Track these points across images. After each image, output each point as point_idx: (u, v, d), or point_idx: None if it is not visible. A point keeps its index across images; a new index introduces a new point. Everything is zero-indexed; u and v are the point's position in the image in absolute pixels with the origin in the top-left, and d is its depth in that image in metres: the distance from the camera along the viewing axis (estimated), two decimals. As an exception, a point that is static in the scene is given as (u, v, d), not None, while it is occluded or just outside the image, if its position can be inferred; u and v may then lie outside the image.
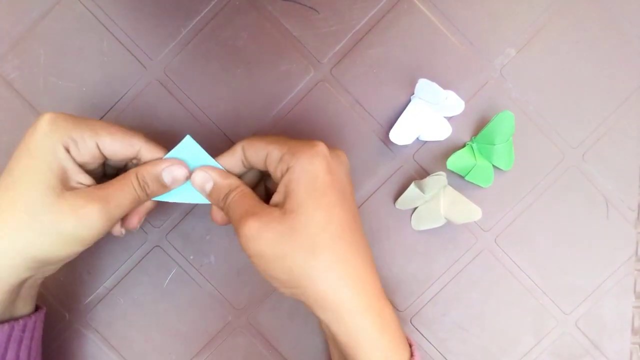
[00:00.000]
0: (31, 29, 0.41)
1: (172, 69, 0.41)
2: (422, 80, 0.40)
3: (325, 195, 0.32)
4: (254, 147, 0.35)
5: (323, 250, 0.31)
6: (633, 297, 0.43)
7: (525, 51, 0.42)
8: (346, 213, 0.32)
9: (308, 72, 0.42)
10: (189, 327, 0.42)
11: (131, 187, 0.34)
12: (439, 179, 0.40)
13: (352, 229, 0.33)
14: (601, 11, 0.42)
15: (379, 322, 0.32)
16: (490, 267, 0.43)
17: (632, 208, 0.43)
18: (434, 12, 0.42)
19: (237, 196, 0.34)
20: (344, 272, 0.31)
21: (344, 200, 0.33)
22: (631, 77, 0.43)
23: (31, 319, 0.35)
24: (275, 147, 0.33)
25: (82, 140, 0.33)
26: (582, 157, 0.43)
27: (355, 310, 0.32)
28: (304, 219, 0.31)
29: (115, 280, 0.42)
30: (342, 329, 0.32)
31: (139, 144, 0.34)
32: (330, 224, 0.31)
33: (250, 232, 0.31)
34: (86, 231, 0.32)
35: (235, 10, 0.41)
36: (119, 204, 0.33)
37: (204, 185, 0.35)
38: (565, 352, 0.43)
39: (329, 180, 0.32)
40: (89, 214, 0.32)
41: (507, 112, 0.40)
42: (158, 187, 0.35)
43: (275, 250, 0.31)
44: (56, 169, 0.32)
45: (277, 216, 0.31)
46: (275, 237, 0.31)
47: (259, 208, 0.33)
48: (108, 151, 0.34)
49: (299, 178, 0.32)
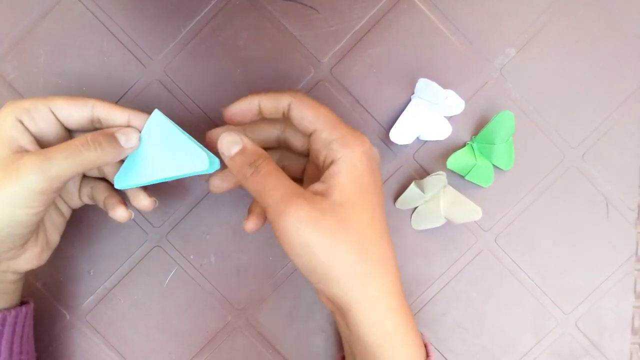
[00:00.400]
0: (31, 29, 0.41)
1: (172, 68, 0.41)
2: (422, 80, 0.40)
3: (369, 193, 0.32)
4: (303, 112, 0.33)
5: (371, 247, 0.31)
6: (633, 297, 0.43)
7: (525, 51, 0.42)
8: (383, 213, 0.33)
9: (308, 72, 0.42)
10: (189, 327, 0.42)
11: (77, 145, 0.32)
12: (439, 179, 0.40)
13: (386, 228, 0.33)
14: (601, 11, 0.42)
15: (407, 322, 0.32)
16: (490, 267, 0.43)
17: (632, 208, 0.43)
18: (434, 12, 0.42)
19: (270, 169, 0.32)
20: (384, 271, 0.32)
21: (381, 200, 0.33)
22: (631, 77, 0.43)
23: (11, 312, 0.34)
24: (326, 128, 0.32)
25: (35, 108, 0.32)
26: (582, 157, 0.43)
27: (388, 308, 0.32)
28: (353, 214, 0.31)
29: (115, 280, 0.42)
30: (372, 329, 0.31)
31: (92, 101, 0.33)
32: (374, 221, 0.32)
33: (303, 217, 0.29)
34: (19, 187, 0.30)
35: (235, 10, 0.41)
36: (60, 160, 0.31)
37: (231, 147, 0.32)
38: (565, 352, 0.43)
39: (372, 180, 0.32)
40: (22, 166, 0.30)
41: (507, 112, 0.40)
42: (113, 146, 0.32)
43: (327, 242, 0.30)
44: (6, 139, 0.31)
45: (329, 207, 0.30)
46: (328, 229, 0.30)
47: (306, 192, 0.31)
48: (63, 114, 0.33)
49: (348, 173, 0.31)
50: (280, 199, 0.30)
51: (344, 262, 0.30)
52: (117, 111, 0.34)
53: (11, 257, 0.34)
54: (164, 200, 0.42)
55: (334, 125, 0.32)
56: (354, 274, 0.31)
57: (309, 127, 0.33)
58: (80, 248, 0.40)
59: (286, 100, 0.33)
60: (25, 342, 0.36)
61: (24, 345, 0.36)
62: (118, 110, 0.34)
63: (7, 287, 0.35)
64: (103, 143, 0.32)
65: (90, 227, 0.41)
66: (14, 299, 0.36)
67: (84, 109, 0.33)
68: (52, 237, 0.36)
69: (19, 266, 0.34)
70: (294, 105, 0.33)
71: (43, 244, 0.35)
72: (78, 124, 0.34)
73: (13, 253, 0.33)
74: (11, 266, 0.34)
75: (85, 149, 0.32)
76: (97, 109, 0.33)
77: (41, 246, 0.35)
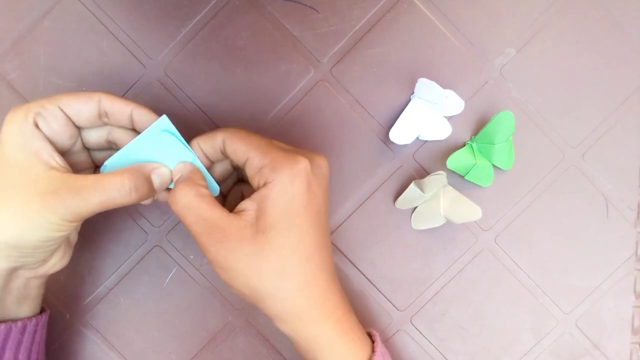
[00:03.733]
0: (31, 29, 0.41)
1: (172, 68, 0.41)
2: (422, 80, 0.40)
3: (299, 217, 0.32)
4: (235, 145, 0.34)
5: (291, 274, 0.32)
6: (633, 297, 0.43)
7: (525, 51, 0.42)
8: (317, 234, 0.33)
9: (308, 72, 0.42)
10: (189, 327, 0.42)
11: (114, 190, 0.32)
12: (439, 179, 0.40)
13: (321, 248, 0.33)
14: (601, 11, 0.42)
15: (338, 328, 0.34)
16: (490, 267, 0.43)
17: (632, 208, 0.43)
18: (434, 12, 0.42)
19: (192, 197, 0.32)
20: (308, 291, 0.33)
21: (318, 220, 0.33)
22: (631, 77, 0.43)
23: (31, 321, 0.35)
24: (257, 155, 0.33)
25: (45, 109, 0.32)
26: (582, 157, 0.43)
27: (314, 321, 0.33)
28: (275, 242, 0.31)
29: (115, 280, 0.42)
30: (302, 337, 0.33)
31: (98, 95, 0.33)
32: (300, 245, 0.32)
33: (221, 251, 0.31)
34: (54, 216, 0.31)
35: (235, 10, 0.41)
36: (97, 204, 0.31)
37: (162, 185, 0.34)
38: (565, 352, 0.43)
39: (306, 201, 0.32)
40: (60, 199, 0.30)
41: (507, 112, 0.40)
42: (148, 190, 0.33)
43: (243, 269, 0.32)
44: (34, 152, 0.31)
45: (248, 235, 0.31)
46: (245, 257, 0.31)
47: (226, 221, 0.32)
48: (72, 111, 0.33)
49: (276, 198, 0.32)
50: (200, 233, 0.32)
51: (260, 286, 0.32)
52: (121, 104, 0.34)
53: (37, 266, 0.34)
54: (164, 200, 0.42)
55: (265, 152, 0.33)
56: (271, 296, 0.32)
57: (242, 158, 0.33)
58: (80, 248, 0.40)
59: (220, 138, 0.34)
60: (41, 350, 0.37)
61: (40, 353, 0.37)
62: (122, 103, 0.34)
63: (32, 292, 0.35)
64: (140, 189, 0.32)
65: (91, 227, 0.41)
66: (35, 305, 0.36)
67: (91, 103, 0.33)
68: (72, 237, 0.37)
69: (44, 271, 0.35)
70: (227, 140, 0.34)
71: (65, 246, 0.36)
72: (87, 120, 0.34)
73: (39, 264, 0.34)
74: (37, 272, 0.34)
75: (121, 195, 0.32)
76: (103, 103, 0.33)
77: (64, 249, 0.35)
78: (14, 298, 0.34)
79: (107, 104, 0.33)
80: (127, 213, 0.42)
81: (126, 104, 0.34)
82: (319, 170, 0.34)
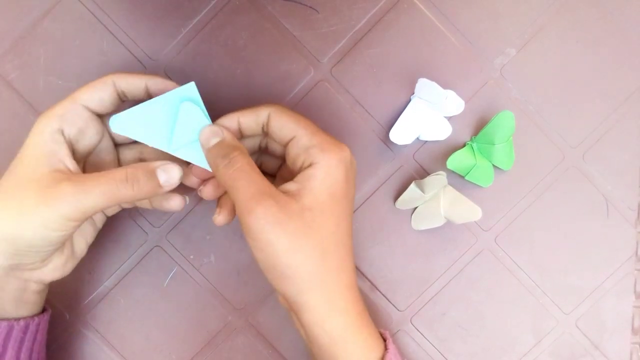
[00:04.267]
0: (31, 29, 0.41)
1: (172, 69, 0.41)
2: (422, 80, 0.40)
3: (339, 203, 0.32)
4: (282, 120, 0.33)
5: (331, 254, 0.32)
6: (633, 297, 0.43)
7: (525, 51, 0.42)
8: (348, 222, 0.34)
9: (308, 72, 0.42)
10: (189, 327, 0.42)
11: (115, 180, 0.31)
12: (439, 179, 0.40)
13: (350, 237, 0.34)
14: (601, 11, 0.42)
15: (358, 321, 0.33)
16: (490, 267, 0.43)
17: (632, 208, 0.43)
18: (434, 12, 0.42)
19: (244, 164, 0.32)
20: (339, 276, 0.33)
21: (350, 210, 0.34)
22: (631, 77, 0.43)
23: (34, 320, 0.35)
24: (306, 134, 0.33)
25: (68, 111, 0.33)
26: (582, 157, 0.43)
27: (340, 310, 0.33)
28: (320, 221, 0.31)
29: (115, 280, 0.42)
30: (325, 328, 0.33)
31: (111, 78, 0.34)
32: (338, 230, 0.32)
33: (270, 217, 0.30)
34: (52, 213, 0.30)
35: (235, 10, 0.41)
36: (97, 195, 0.31)
37: (210, 138, 0.33)
38: (565, 352, 0.43)
39: (346, 189, 0.33)
40: (58, 194, 0.30)
41: (507, 112, 0.40)
42: (151, 185, 0.32)
43: (290, 243, 0.31)
44: (46, 153, 0.32)
45: (297, 210, 0.31)
46: (293, 232, 0.31)
47: (276, 192, 0.31)
48: (94, 104, 0.33)
49: (324, 179, 0.32)
50: (251, 196, 0.31)
51: (302, 264, 0.31)
52: (135, 79, 0.34)
53: (34, 268, 0.33)
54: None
55: (314, 132, 0.33)
56: (310, 277, 0.32)
57: (288, 135, 0.33)
58: (80, 248, 0.40)
59: (265, 113, 0.34)
60: (42, 349, 0.37)
61: (41, 352, 0.36)
62: (136, 78, 0.34)
63: (30, 297, 0.35)
64: (141, 181, 0.32)
65: (90, 227, 0.41)
66: (36, 308, 0.36)
67: (106, 87, 0.33)
68: (78, 248, 0.36)
69: (43, 276, 0.34)
70: (274, 114, 0.34)
71: (68, 254, 0.35)
72: (111, 105, 0.34)
73: (37, 265, 0.33)
74: (34, 276, 0.34)
75: (123, 187, 0.31)
76: (118, 83, 0.34)
77: (66, 257, 0.35)
78: (10, 298, 0.34)
79: (121, 83, 0.34)
80: (127, 213, 0.42)
81: (139, 77, 0.34)
82: (353, 164, 0.34)
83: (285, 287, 0.32)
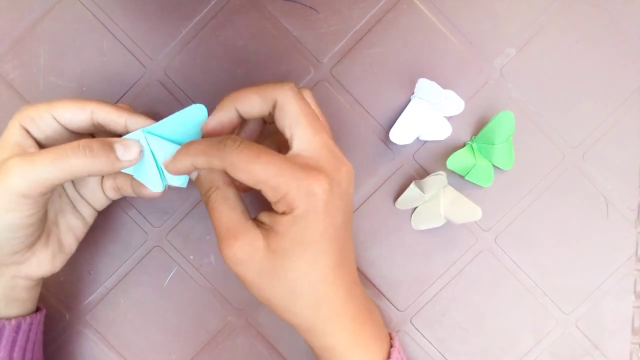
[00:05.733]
0: (31, 29, 0.41)
1: (172, 69, 0.41)
2: (422, 80, 0.40)
3: (313, 244, 0.30)
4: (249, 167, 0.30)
5: (302, 294, 0.31)
6: (633, 297, 0.43)
7: (525, 51, 0.42)
8: (333, 255, 0.31)
9: (308, 72, 0.42)
10: (189, 327, 0.42)
11: (66, 150, 0.30)
12: (439, 179, 0.40)
13: (336, 266, 0.32)
14: (601, 11, 0.42)
15: (351, 339, 0.33)
16: (490, 267, 0.43)
17: (632, 208, 0.43)
18: (434, 12, 0.42)
19: (218, 200, 0.32)
20: (319, 309, 0.32)
21: (335, 241, 0.31)
22: (631, 77, 0.43)
23: (26, 319, 0.34)
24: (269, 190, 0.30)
25: (39, 116, 0.32)
26: (582, 157, 0.43)
27: (328, 334, 0.33)
28: (285, 265, 0.31)
29: (115, 280, 0.42)
30: (317, 346, 0.33)
31: (91, 106, 0.32)
32: (313, 270, 0.31)
33: (231, 256, 0.31)
34: (2, 190, 0.29)
35: (235, 10, 0.41)
36: (46, 165, 0.30)
37: (192, 174, 0.34)
38: (565, 352, 0.43)
39: (322, 228, 0.30)
40: (5, 169, 0.29)
41: (507, 112, 0.40)
42: (107, 156, 0.31)
43: (255, 282, 0.31)
44: (11, 143, 0.32)
45: (260, 250, 0.31)
46: (256, 272, 0.31)
47: (242, 228, 0.31)
48: (64, 120, 0.32)
49: (288, 228, 0.30)
50: (218, 234, 0.31)
51: (273, 299, 0.32)
52: (114, 116, 0.33)
53: (18, 261, 0.33)
54: (164, 200, 0.42)
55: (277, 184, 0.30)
56: (283, 309, 0.32)
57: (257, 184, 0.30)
58: (80, 248, 0.40)
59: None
60: (37, 349, 0.37)
61: (36, 352, 0.36)
62: (116, 115, 0.33)
63: (20, 294, 0.34)
64: (95, 151, 0.31)
65: (90, 227, 0.41)
66: (28, 306, 0.35)
67: (83, 113, 0.32)
68: (66, 242, 0.36)
69: (30, 271, 0.34)
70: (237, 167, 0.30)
71: (55, 248, 0.35)
72: (80, 128, 0.33)
73: (18, 257, 0.33)
74: (21, 271, 0.34)
75: (74, 154, 0.30)
76: (96, 114, 0.33)
77: (52, 250, 0.35)
78: (2, 298, 0.33)
79: (100, 115, 0.33)
80: (127, 213, 0.42)
81: (119, 114, 0.33)
82: (339, 189, 0.31)
83: (270, 308, 0.33)
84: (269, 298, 0.32)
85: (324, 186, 0.30)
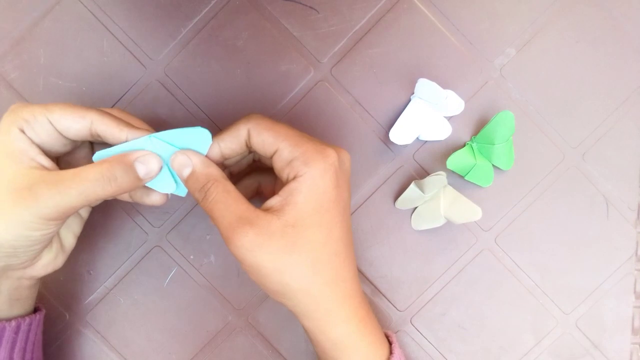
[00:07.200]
0: (31, 29, 0.41)
1: (172, 69, 0.41)
2: (422, 80, 0.40)
3: (328, 212, 0.32)
4: (262, 136, 0.32)
5: (322, 268, 0.32)
6: (633, 297, 0.43)
7: (525, 51, 0.42)
8: (343, 229, 0.33)
9: (308, 72, 0.42)
10: (189, 327, 0.42)
11: (91, 180, 0.30)
12: (439, 179, 0.40)
13: (346, 243, 0.33)
14: (601, 11, 0.42)
15: (361, 328, 0.33)
16: (490, 267, 0.43)
17: (632, 208, 0.43)
18: (434, 12, 0.42)
19: (220, 193, 0.32)
20: (336, 287, 0.32)
21: (344, 215, 0.33)
22: (631, 77, 0.43)
23: (25, 320, 0.34)
24: (287, 147, 0.32)
25: (35, 119, 0.31)
26: (582, 157, 0.43)
27: (341, 319, 0.33)
28: (305, 235, 0.31)
29: (115, 280, 0.42)
30: (327, 336, 0.33)
31: (92, 116, 0.32)
32: (330, 240, 0.32)
33: (247, 244, 0.30)
34: (31, 214, 0.30)
35: (235, 10, 0.41)
36: (75, 196, 0.30)
37: (182, 169, 0.33)
38: (565, 352, 0.43)
39: (335, 196, 0.32)
40: (35, 194, 0.29)
41: (507, 112, 0.40)
42: (130, 179, 0.31)
43: (275, 264, 0.31)
44: (15, 151, 0.31)
45: (278, 229, 0.30)
46: (276, 252, 0.30)
47: (254, 214, 0.31)
48: (61, 126, 0.31)
49: (307, 192, 0.31)
50: (228, 225, 0.31)
51: (291, 282, 0.31)
52: (115, 130, 0.32)
53: (26, 266, 0.33)
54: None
55: (296, 144, 0.32)
56: (303, 293, 0.32)
57: (270, 150, 0.32)
58: (80, 248, 0.40)
59: (244, 130, 0.33)
60: (37, 350, 0.37)
61: (35, 352, 0.36)
62: (116, 129, 0.32)
63: (22, 292, 0.35)
64: (119, 178, 0.31)
65: (90, 227, 0.41)
66: (28, 305, 0.36)
67: (82, 122, 0.32)
68: (67, 241, 0.36)
69: (36, 273, 0.34)
70: (253, 131, 0.32)
71: (57, 249, 0.35)
72: (77, 136, 0.32)
73: (27, 263, 0.33)
74: (26, 274, 0.34)
75: (101, 187, 0.30)
76: (95, 125, 0.32)
77: (55, 252, 0.35)
78: (5, 298, 0.34)
79: (100, 127, 0.32)
80: (127, 213, 0.42)
81: (120, 129, 0.32)
82: (344, 165, 0.33)
83: (281, 300, 0.33)
84: (288, 281, 0.31)
85: (335, 155, 0.32)
